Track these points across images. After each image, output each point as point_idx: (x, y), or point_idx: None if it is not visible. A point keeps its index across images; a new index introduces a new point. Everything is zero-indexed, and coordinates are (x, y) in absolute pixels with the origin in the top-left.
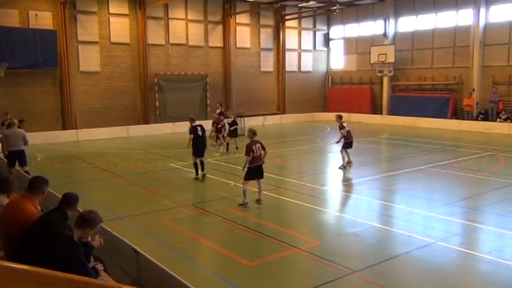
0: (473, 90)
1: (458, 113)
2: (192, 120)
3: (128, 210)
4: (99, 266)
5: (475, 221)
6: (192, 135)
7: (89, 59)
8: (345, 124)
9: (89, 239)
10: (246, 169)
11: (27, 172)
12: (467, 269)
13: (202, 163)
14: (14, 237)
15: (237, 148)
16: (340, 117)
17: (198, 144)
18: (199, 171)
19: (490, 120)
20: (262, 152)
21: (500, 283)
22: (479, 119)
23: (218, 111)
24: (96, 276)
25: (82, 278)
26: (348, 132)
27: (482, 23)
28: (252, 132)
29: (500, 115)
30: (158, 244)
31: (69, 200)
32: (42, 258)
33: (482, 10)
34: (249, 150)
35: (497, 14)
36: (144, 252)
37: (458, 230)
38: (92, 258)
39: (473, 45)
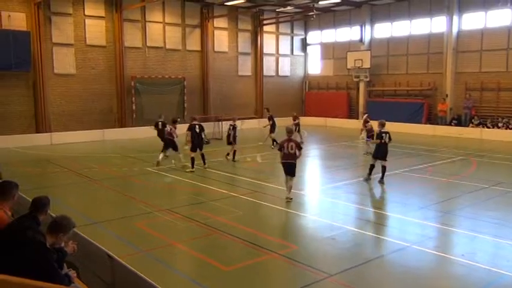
0: (447, 95)
1: (432, 118)
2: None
3: (102, 215)
4: (73, 273)
5: (448, 225)
6: (190, 132)
7: (63, 61)
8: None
9: (62, 245)
10: None
11: None
12: (441, 272)
13: (203, 156)
14: None
15: (228, 155)
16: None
17: (198, 141)
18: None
19: (463, 126)
20: (297, 151)
21: (473, 285)
22: (452, 124)
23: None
24: (69, 284)
25: (54, 286)
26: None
27: (455, 31)
28: (288, 131)
29: (473, 120)
30: (134, 250)
31: (39, 204)
32: (13, 265)
33: (455, 18)
34: (280, 146)
35: (470, 22)
36: (119, 258)
37: (433, 233)
38: (65, 264)
39: (447, 52)
